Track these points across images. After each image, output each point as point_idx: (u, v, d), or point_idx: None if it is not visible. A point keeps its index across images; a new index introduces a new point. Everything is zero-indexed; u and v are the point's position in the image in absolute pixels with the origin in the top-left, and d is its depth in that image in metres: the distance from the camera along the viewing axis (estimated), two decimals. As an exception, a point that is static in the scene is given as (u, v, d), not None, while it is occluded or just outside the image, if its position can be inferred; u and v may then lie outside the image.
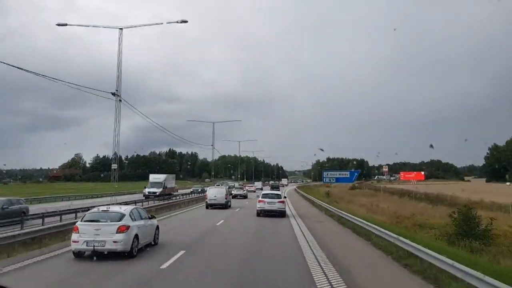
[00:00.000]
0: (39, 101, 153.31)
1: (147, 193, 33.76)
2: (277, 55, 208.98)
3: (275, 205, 19.42)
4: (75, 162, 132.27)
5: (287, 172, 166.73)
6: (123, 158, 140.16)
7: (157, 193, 33.09)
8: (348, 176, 36.58)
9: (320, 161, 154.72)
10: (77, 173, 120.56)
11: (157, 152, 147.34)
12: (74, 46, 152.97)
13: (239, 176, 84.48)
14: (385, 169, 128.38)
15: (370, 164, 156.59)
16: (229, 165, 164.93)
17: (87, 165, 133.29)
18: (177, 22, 22.75)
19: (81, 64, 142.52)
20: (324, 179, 36.87)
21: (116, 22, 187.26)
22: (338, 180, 35.82)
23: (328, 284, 6.91)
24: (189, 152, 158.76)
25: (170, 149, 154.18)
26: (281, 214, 19.44)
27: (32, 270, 7.96)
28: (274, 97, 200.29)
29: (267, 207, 19.43)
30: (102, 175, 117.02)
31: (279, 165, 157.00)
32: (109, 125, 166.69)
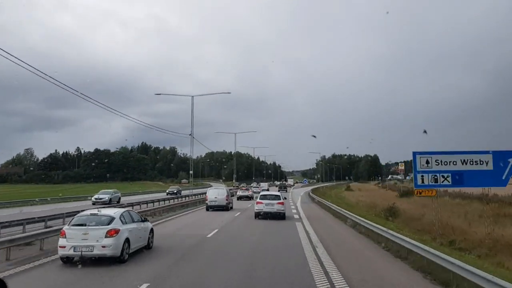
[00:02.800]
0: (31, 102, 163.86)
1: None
2: (275, 54, 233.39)
3: (274, 207, 21.84)
4: (22, 159, 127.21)
5: (285, 173, 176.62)
6: (82, 154, 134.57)
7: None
8: (491, 168, 16.43)
9: (326, 157, 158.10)
10: (16, 173, 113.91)
11: (129, 148, 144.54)
12: (67, 45, 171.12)
13: (222, 177, 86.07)
14: (401, 167, 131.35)
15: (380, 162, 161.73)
16: (211, 162, 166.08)
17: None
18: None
19: (73, 63, 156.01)
20: (419, 176, 16.91)
21: (110, 20, 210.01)
22: (464, 179, 16.57)
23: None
24: (167, 147, 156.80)
25: (142, 143, 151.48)
26: (280, 216, 21.84)
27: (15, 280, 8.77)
28: (272, 97, 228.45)
29: (265, 209, 21.89)
30: (47, 176, 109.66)
31: (277, 164, 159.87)
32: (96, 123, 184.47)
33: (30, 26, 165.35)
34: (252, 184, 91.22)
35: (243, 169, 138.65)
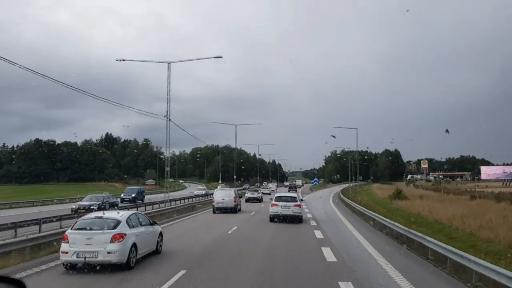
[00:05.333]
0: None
1: None
2: (277, 54, 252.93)
3: (290, 209, 22.75)
4: None
5: (286, 173, 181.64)
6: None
7: None
8: None
9: (337, 152, 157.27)
10: None
11: (94, 140, 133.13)
12: (64, 42, 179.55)
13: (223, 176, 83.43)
14: (424, 165, 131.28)
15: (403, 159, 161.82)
16: (188, 157, 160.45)
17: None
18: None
19: (72, 61, 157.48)
20: None
21: (108, 16, 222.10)
22: None
23: None
24: (138, 139, 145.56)
25: (107, 133, 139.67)
26: (297, 219, 22.73)
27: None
28: (274, 96, 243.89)
29: (281, 211, 22.78)
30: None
31: (277, 162, 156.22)
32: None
33: (26, 23, 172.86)
34: (257, 184, 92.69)
35: (233, 166, 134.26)
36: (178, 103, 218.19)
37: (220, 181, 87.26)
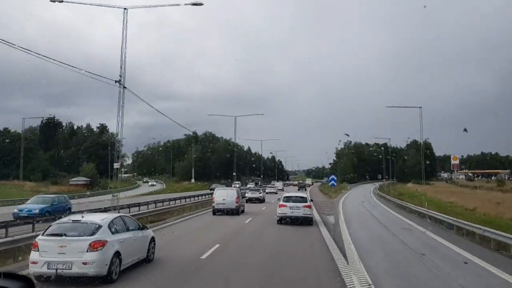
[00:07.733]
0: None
1: None
2: (279, 52, 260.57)
3: (300, 211, 22.14)
4: None
5: (289, 172, 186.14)
6: None
7: None
8: None
9: (352, 143, 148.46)
10: None
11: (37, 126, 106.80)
12: (65, 39, 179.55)
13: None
14: (455, 160, 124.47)
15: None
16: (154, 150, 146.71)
17: None
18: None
19: (72, 58, 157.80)
20: None
21: (111, 9, 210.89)
22: None
23: None
24: (93, 125, 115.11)
25: (50, 116, 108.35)
26: (308, 221, 22.13)
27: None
28: (276, 95, 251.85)
29: (290, 212, 22.19)
30: None
31: (278, 159, 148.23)
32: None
33: (26, 19, 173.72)
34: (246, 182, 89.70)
35: (216, 159, 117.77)
36: (176, 101, 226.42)
37: (193, 180, 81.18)
